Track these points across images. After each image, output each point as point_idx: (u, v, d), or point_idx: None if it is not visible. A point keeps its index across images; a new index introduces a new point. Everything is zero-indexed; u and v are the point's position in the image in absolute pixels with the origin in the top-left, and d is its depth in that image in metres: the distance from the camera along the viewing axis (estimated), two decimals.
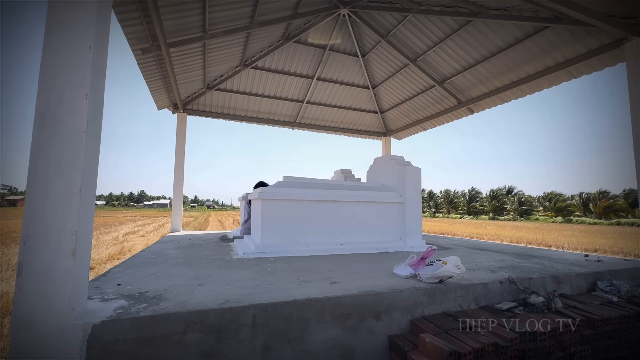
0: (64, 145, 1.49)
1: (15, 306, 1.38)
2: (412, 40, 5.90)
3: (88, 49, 1.57)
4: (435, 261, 2.32)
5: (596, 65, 4.37)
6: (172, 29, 4.52)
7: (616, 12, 3.57)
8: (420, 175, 4.33)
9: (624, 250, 9.28)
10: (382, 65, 6.96)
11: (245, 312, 1.66)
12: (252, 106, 7.64)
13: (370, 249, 3.84)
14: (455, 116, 7.00)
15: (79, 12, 1.58)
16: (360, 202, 3.98)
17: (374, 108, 8.36)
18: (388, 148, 9.03)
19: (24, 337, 1.36)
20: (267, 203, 3.56)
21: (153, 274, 2.44)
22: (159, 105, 6.57)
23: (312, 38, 6.35)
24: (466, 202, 53.59)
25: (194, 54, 5.40)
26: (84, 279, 1.57)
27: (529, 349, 1.74)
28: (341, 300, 1.85)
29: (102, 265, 6.16)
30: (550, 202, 45.63)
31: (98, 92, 1.65)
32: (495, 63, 5.35)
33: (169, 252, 3.63)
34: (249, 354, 1.63)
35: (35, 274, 1.41)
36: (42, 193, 1.45)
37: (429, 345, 1.64)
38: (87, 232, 1.58)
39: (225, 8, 4.60)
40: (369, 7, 5.44)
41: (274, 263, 2.99)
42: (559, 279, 2.58)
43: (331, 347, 1.77)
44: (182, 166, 6.73)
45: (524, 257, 3.54)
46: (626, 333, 2.09)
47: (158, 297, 1.81)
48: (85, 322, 1.43)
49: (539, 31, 4.42)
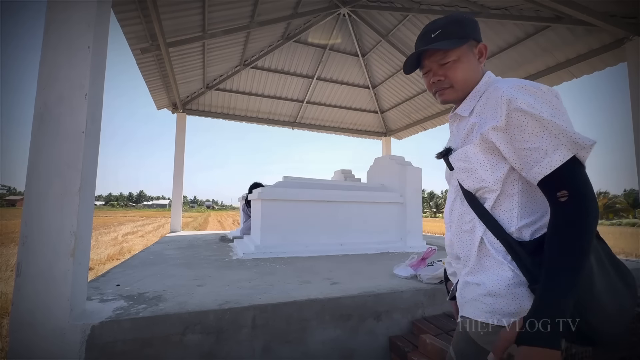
0: (63, 145, 1.48)
1: (14, 307, 1.37)
2: (412, 39, 5.89)
3: (87, 48, 1.56)
4: (436, 261, 2.31)
5: (597, 65, 4.37)
6: (172, 28, 4.51)
7: (617, 12, 3.56)
8: (421, 175, 4.32)
9: (625, 250, 9.27)
10: (382, 65, 6.95)
11: (245, 312, 1.65)
12: (252, 106, 7.64)
13: (370, 250, 3.83)
14: None
15: (79, 12, 1.57)
16: (360, 202, 3.97)
17: (374, 108, 8.36)
18: (388, 148, 9.02)
19: (22, 338, 1.36)
20: (266, 203, 3.55)
21: (152, 274, 2.43)
22: (159, 105, 6.56)
23: (312, 38, 6.35)
24: None
25: (193, 54, 5.39)
26: (83, 279, 1.56)
27: None
28: (341, 301, 1.85)
29: (101, 266, 6.15)
30: None
31: (97, 92, 1.64)
32: (496, 63, 5.34)
33: (169, 252, 3.62)
34: (249, 355, 1.62)
35: (34, 274, 1.40)
36: (41, 193, 1.44)
37: (429, 346, 1.63)
38: (86, 232, 1.57)
39: (225, 8, 4.59)
40: (369, 7, 5.44)
41: (274, 263, 2.99)
42: None
43: (331, 348, 1.77)
44: (182, 166, 6.72)
45: None
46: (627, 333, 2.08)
47: (157, 297, 1.80)
48: (84, 323, 1.42)
49: (539, 31, 4.41)
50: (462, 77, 0.88)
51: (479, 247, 0.82)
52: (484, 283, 0.78)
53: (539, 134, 0.72)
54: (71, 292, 1.43)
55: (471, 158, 0.83)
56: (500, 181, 0.80)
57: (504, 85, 0.78)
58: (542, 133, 0.72)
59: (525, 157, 0.74)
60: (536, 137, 0.73)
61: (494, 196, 0.81)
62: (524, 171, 0.76)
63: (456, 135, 0.92)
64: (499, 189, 0.80)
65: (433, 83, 0.92)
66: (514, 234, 0.78)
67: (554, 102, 0.74)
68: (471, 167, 0.83)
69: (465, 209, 0.87)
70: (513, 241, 0.76)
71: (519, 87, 0.76)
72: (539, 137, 0.72)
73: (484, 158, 0.82)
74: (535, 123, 0.73)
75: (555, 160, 0.70)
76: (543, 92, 0.75)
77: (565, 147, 0.71)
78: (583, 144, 0.70)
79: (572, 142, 0.70)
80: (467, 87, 0.89)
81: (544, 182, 0.73)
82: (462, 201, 0.89)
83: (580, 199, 0.68)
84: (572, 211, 0.68)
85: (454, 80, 0.88)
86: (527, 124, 0.73)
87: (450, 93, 0.91)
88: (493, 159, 0.81)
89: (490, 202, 0.82)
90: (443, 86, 0.90)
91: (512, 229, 0.78)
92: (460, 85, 0.89)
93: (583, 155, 0.71)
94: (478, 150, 0.82)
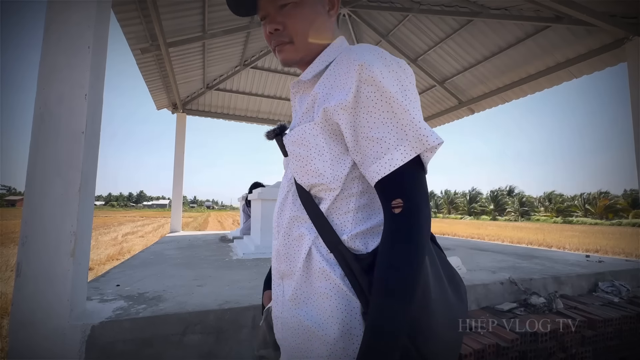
0: (63, 145, 1.48)
1: (14, 307, 1.37)
2: (412, 40, 5.89)
3: (87, 48, 1.56)
4: None
5: (597, 65, 4.37)
6: (172, 28, 4.51)
7: (617, 12, 3.56)
8: None
9: (625, 250, 9.27)
10: None
11: (245, 313, 1.65)
12: (252, 106, 7.64)
13: None
14: (456, 116, 6.99)
15: (79, 12, 1.57)
16: None
17: None
18: None
19: (22, 338, 1.35)
20: (267, 203, 3.55)
21: (152, 274, 2.43)
22: (159, 105, 6.56)
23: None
24: (467, 203, 53.61)
25: (193, 54, 5.39)
26: (83, 279, 1.56)
27: (530, 350, 1.74)
28: None
29: (101, 266, 6.15)
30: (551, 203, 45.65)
31: (97, 92, 1.64)
32: (495, 63, 5.34)
33: (169, 252, 3.62)
34: (249, 355, 1.62)
35: (34, 274, 1.40)
36: (41, 193, 1.44)
37: None
38: (86, 232, 1.57)
39: (225, 8, 4.59)
40: (369, 7, 5.44)
41: None
42: (560, 279, 2.57)
43: None
44: (182, 166, 6.72)
45: (525, 257, 3.53)
46: (627, 334, 2.08)
47: (157, 297, 1.80)
48: (84, 323, 1.42)
49: (539, 31, 4.41)
50: (304, 28, 0.69)
51: (305, 260, 0.64)
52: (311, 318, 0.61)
53: (386, 121, 0.57)
54: (71, 292, 1.43)
55: (309, 141, 0.64)
56: (341, 179, 0.63)
57: (358, 49, 0.62)
58: (390, 120, 0.57)
59: (366, 149, 0.59)
60: (382, 124, 0.57)
61: (331, 197, 0.64)
62: (363, 167, 0.60)
63: (298, 110, 0.73)
64: (339, 189, 0.63)
65: (270, 34, 0.71)
66: (346, 242, 0.62)
67: (408, 82, 0.61)
68: (308, 154, 0.64)
69: (298, 211, 0.67)
70: (348, 254, 0.61)
71: (376, 52, 0.61)
72: (385, 125, 0.57)
73: (325, 144, 0.63)
74: (385, 105, 0.57)
75: (397, 158, 0.56)
76: (400, 66, 0.61)
77: (409, 143, 0.56)
78: (430, 143, 0.56)
79: (418, 138, 0.56)
80: (311, 45, 0.71)
81: (381, 184, 0.58)
82: (294, 200, 0.69)
83: (414, 213, 0.55)
84: (404, 227, 0.55)
85: (293, 31, 0.69)
86: (376, 104, 0.57)
87: (290, 50, 0.71)
88: (336, 147, 0.63)
89: (326, 204, 0.64)
90: (282, 39, 0.70)
91: (344, 236, 0.62)
92: (302, 40, 0.70)
93: (427, 157, 0.58)
94: (319, 131, 0.63)
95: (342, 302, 0.59)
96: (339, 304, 0.59)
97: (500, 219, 44.38)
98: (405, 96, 0.58)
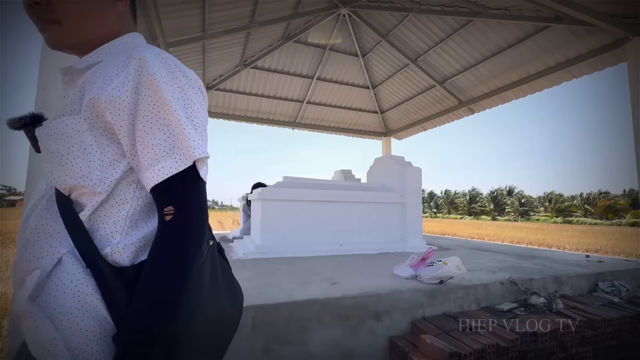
0: None
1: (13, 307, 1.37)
2: (412, 40, 5.89)
3: None
4: (436, 262, 2.31)
5: (597, 65, 4.37)
6: (172, 28, 4.51)
7: (617, 12, 3.56)
8: (421, 175, 4.32)
9: (625, 250, 9.27)
10: (382, 65, 6.95)
11: (245, 312, 1.65)
12: (252, 106, 7.64)
13: (370, 250, 3.83)
14: (456, 116, 6.99)
15: None
16: (360, 202, 3.97)
17: (374, 108, 8.35)
18: (388, 148, 9.02)
19: (22, 338, 1.35)
20: (266, 203, 3.55)
21: None
22: None
23: (312, 38, 6.34)
24: (467, 203, 53.62)
25: (193, 54, 5.39)
26: None
27: (530, 350, 1.74)
28: (341, 301, 1.84)
29: None
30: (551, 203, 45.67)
31: None
32: (496, 63, 5.34)
33: None
34: (249, 355, 1.62)
35: None
36: None
37: (429, 346, 1.63)
38: None
39: (225, 8, 4.60)
40: (369, 7, 5.44)
41: (274, 264, 2.99)
42: (560, 279, 2.57)
43: (331, 348, 1.77)
44: None
45: (525, 257, 3.53)
46: (627, 334, 2.08)
47: None
48: None
49: (539, 31, 4.41)
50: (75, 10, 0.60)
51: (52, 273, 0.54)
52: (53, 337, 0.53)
53: (162, 128, 0.56)
54: None
55: (71, 137, 0.56)
56: (109, 183, 0.57)
57: (144, 48, 0.59)
58: (166, 127, 0.56)
59: (142, 154, 0.56)
60: (158, 130, 0.56)
61: (95, 202, 0.57)
62: (140, 172, 0.58)
63: (65, 100, 0.64)
64: (106, 193, 0.57)
65: (30, 6, 0.60)
66: (110, 255, 0.56)
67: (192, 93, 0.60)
68: (69, 152, 0.56)
69: (50, 218, 0.58)
70: (107, 269, 0.55)
71: (161, 56, 0.59)
72: (160, 132, 0.56)
73: (94, 143, 0.57)
74: (161, 112, 0.56)
75: (170, 167, 0.56)
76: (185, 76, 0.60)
77: (181, 153, 0.56)
78: (196, 155, 0.57)
79: (188, 148, 0.56)
80: (86, 32, 0.63)
81: (155, 191, 0.57)
82: (48, 205, 0.59)
83: (184, 221, 0.55)
84: (172, 234, 0.54)
85: (60, 10, 0.59)
86: (152, 109, 0.55)
87: (57, 32, 0.61)
88: (110, 148, 0.58)
89: (88, 211, 0.57)
90: (46, 16, 0.60)
91: (108, 249, 0.56)
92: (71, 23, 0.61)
93: (199, 167, 0.58)
94: (86, 127, 0.56)
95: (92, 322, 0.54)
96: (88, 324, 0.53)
97: (500, 219, 44.37)
98: (183, 106, 0.58)
